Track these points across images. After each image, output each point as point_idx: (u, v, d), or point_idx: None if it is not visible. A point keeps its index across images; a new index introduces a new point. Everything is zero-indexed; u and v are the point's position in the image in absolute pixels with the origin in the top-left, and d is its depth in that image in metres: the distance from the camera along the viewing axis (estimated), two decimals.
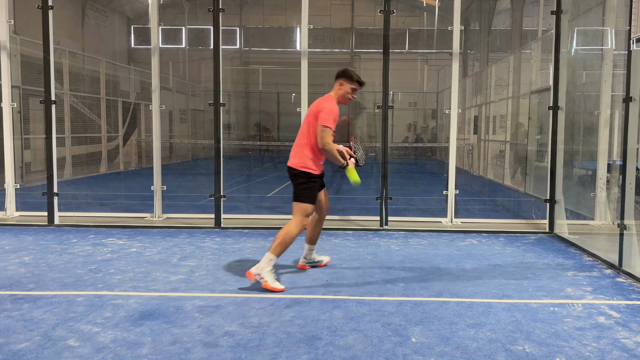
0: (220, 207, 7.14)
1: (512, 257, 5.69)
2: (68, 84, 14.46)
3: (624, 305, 4.18)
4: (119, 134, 17.44)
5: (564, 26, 6.91)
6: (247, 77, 25.90)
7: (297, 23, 22.17)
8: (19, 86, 11.85)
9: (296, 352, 3.25)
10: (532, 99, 11.57)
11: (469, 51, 22.34)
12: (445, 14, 22.29)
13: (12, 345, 3.31)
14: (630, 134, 5.01)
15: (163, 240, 6.33)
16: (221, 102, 7.10)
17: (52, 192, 7.22)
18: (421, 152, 23.15)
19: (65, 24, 18.71)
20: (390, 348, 3.32)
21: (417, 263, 5.40)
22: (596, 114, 7.37)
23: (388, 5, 6.99)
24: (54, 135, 7.22)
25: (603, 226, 7.22)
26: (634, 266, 5.01)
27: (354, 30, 25.00)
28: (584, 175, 8.80)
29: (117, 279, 4.75)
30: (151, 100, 7.49)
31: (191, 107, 24.18)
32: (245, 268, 5.12)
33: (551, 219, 7.00)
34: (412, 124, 26.06)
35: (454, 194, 7.32)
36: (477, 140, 16.43)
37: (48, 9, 7.05)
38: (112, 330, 3.57)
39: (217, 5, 6.98)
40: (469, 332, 3.59)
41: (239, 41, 24.48)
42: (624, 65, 5.26)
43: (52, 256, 5.53)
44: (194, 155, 22.51)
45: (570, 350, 3.33)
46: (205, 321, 3.74)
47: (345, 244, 6.19)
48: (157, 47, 7.47)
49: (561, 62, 6.93)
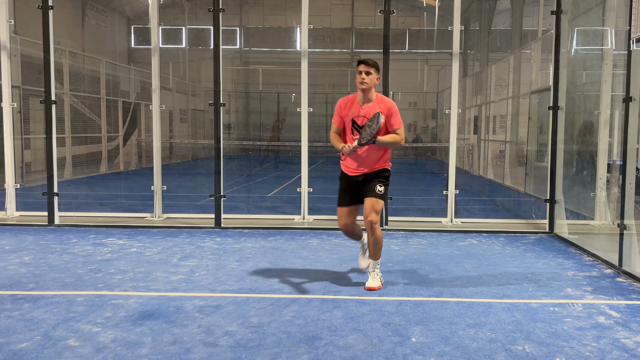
0: (221, 207, 7.14)
1: (512, 257, 5.69)
2: (68, 84, 14.46)
3: (624, 305, 4.18)
4: (119, 134, 17.44)
5: (564, 26, 6.91)
6: (247, 77, 25.90)
7: (297, 23, 22.21)
8: (19, 86, 11.85)
9: (296, 352, 3.25)
10: (532, 99, 11.57)
11: (469, 51, 22.34)
12: (445, 14, 22.29)
13: (13, 345, 3.31)
14: (630, 134, 5.01)
15: (163, 240, 6.33)
16: (221, 102, 7.10)
17: (52, 192, 7.22)
18: (421, 152, 23.15)
19: (65, 24, 18.71)
20: (390, 348, 3.32)
21: (417, 263, 5.40)
22: (596, 114, 7.37)
23: (388, 5, 6.99)
24: (54, 135, 7.22)
25: (603, 226, 7.22)
26: (634, 266, 5.01)
27: (354, 30, 25.00)
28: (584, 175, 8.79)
29: (117, 278, 4.75)
30: (151, 100, 7.49)
31: (191, 107, 24.18)
32: (245, 268, 5.13)
33: (551, 219, 7.00)
34: (412, 124, 26.06)
35: (454, 194, 7.32)
36: (477, 140, 16.43)
37: (48, 9, 7.05)
38: (112, 330, 3.57)
39: (217, 5, 6.98)
40: (469, 332, 3.59)
41: (239, 41, 24.49)
42: (624, 65, 5.26)
43: (52, 256, 5.53)
44: (194, 155, 22.51)
45: (570, 350, 3.33)
46: (205, 321, 3.74)
47: (345, 244, 6.19)
48: (157, 47, 7.47)
49: (561, 62, 6.93)
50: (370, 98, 4.45)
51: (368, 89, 4.40)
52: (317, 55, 24.89)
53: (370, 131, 4.26)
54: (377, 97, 4.48)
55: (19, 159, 11.32)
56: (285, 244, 6.21)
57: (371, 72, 4.38)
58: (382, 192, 4.44)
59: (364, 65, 4.38)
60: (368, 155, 4.44)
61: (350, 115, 4.46)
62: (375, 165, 4.48)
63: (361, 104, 4.45)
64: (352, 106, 4.47)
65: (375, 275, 4.56)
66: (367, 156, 4.44)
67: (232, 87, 24.60)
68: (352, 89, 25.50)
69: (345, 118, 4.50)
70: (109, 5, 22.28)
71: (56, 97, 7.34)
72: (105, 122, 16.34)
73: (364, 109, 4.42)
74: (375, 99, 4.46)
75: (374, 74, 4.40)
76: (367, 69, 4.37)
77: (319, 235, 6.64)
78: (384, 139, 4.37)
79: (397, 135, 4.42)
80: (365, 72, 4.37)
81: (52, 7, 7.09)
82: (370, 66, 4.38)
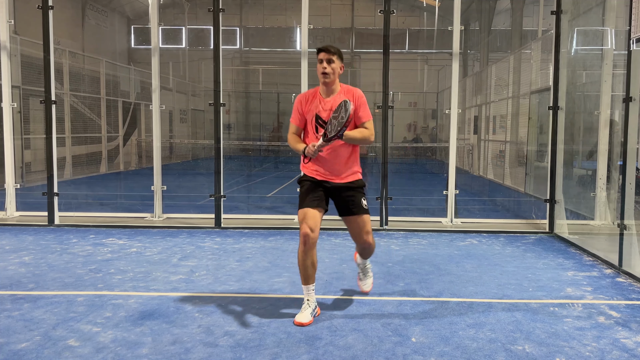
0: (221, 207, 7.14)
1: (512, 257, 5.69)
2: (68, 84, 14.46)
3: (624, 305, 4.18)
4: (119, 134, 17.44)
5: (564, 26, 6.91)
6: (247, 77, 25.89)
7: (297, 23, 22.19)
8: (19, 86, 11.85)
9: (296, 352, 3.25)
10: (532, 99, 11.57)
11: (469, 51, 22.34)
12: (445, 14, 22.29)
13: (12, 345, 3.31)
14: (630, 134, 5.01)
15: (163, 240, 6.33)
16: (221, 102, 7.10)
17: (52, 192, 7.22)
18: (421, 152, 23.15)
19: (65, 24, 18.71)
20: (390, 348, 3.32)
21: (417, 263, 5.40)
22: (596, 114, 7.37)
23: (388, 5, 6.99)
24: (54, 135, 7.22)
25: (603, 226, 7.22)
26: (634, 266, 5.01)
27: (354, 30, 24.99)
28: (584, 175, 8.80)
29: (117, 279, 4.75)
30: (151, 100, 7.49)
31: (191, 107, 24.18)
32: (245, 268, 5.13)
33: (551, 219, 7.00)
34: (412, 124, 26.07)
35: (454, 194, 7.32)
36: (477, 140, 16.43)
37: (48, 9, 7.05)
38: (112, 330, 3.57)
39: (217, 5, 6.98)
40: (469, 332, 3.59)
41: (239, 41, 24.48)
42: (624, 65, 5.25)
43: (52, 256, 5.53)
44: (194, 155, 22.52)
45: (570, 350, 3.33)
46: (205, 321, 3.74)
47: (345, 244, 6.19)
48: (157, 47, 7.47)
49: (561, 62, 6.93)
50: (334, 89, 3.88)
51: (332, 79, 3.83)
52: None
53: (338, 122, 3.65)
54: (342, 87, 3.92)
55: (19, 159, 11.32)
56: (285, 244, 6.21)
57: (333, 59, 3.81)
58: (367, 207, 3.96)
59: (325, 52, 3.80)
60: (335, 155, 3.85)
61: (313, 110, 3.87)
62: (346, 174, 3.90)
63: (325, 97, 3.88)
64: (314, 100, 3.89)
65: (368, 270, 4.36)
66: (334, 157, 3.85)
67: (232, 87, 24.60)
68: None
69: (307, 115, 3.91)
70: (109, 5, 22.28)
71: (56, 97, 7.34)
72: (105, 122, 16.34)
73: (329, 102, 3.83)
74: (340, 90, 3.89)
75: (337, 61, 3.83)
76: (328, 56, 3.80)
77: (319, 235, 6.62)
78: (352, 134, 3.78)
79: (366, 129, 3.86)
80: (327, 60, 3.80)
81: (52, 7, 7.09)
82: (332, 53, 3.80)
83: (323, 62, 3.80)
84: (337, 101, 3.80)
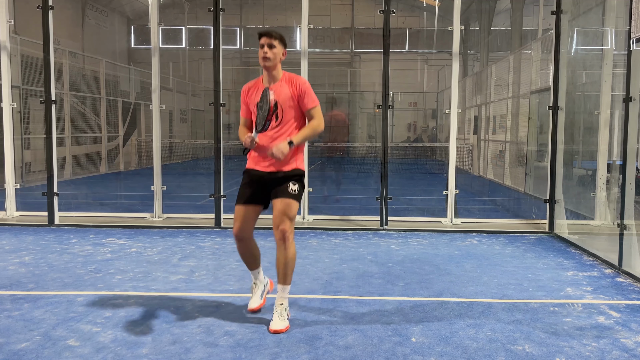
0: (220, 207, 7.14)
1: (512, 257, 5.69)
2: (68, 84, 14.46)
3: (624, 305, 4.18)
4: (119, 134, 17.44)
5: (564, 26, 6.91)
6: (247, 77, 25.87)
7: (297, 23, 22.16)
8: (19, 86, 11.85)
9: (296, 352, 3.25)
10: (532, 99, 11.57)
11: (469, 51, 22.35)
12: (445, 14, 22.30)
13: (12, 345, 3.31)
14: (630, 134, 5.01)
15: (163, 240, 6.33)
16: (221, 102, 7.10)
17: (52, 192, 7.22)
18: (421, 152, 23.16)
19: (65, 24, 18.72)
20: (390, 348, 3.32)
21: (417, 263, 5.40)
22: (596, 114, 7.37)
23: (388, 5, 6.99)
24: (54, 135, 7.22)
25: (603, 226, 7.22)
26: (634, 266, 5.01)
27: (354, 30, 25.00)
28: (584, 175, 8.80)
29: (117, 279, 4.75)
30: (151, 100, 7.49)
31: (191, 107, 24.19)
32: (245, 268, 5.11)
33: (551, 218, 7.00)
34: (412, 124, 26.07)
35: (454, 194, 7.33)
36: (477, 140, 16.44)
37: (48, 9, 7.05)
38: (112, 330, 3.57)
39: (217, 5, 6.98)
40: (469, 332, 3.59)
41: (239, 41, 24.48)
42: (624, 65, 5.26)
43: (52, 256, 5.53)
44: (194, 155, 22.52)
45: (570, 350, 3.33)
46: (205, 321, 3.74)
47: (345, 244, 6.19)
48: (157, 47, 7.47)
49: (561, 62, 6.93)
50: (275, 76, 3.72)
51: (272, 65, 3.66)
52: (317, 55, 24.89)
53: (263, 113, 3.56)
54: (285, 75, 3.75)
55: (19, 159, 11.33)
56: None
57: (275, 44, 3.64)
58: (295, 192, 3.66)
59: (266, 37, 3.64)
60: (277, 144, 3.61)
61: (254, 99, 3.72)
62: (283, 164, 3.70)
63: (267, 85, 3.71)
64: (257, 90, 3.74)
65: (283, 312, 3.62)
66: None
67: (232, 87, 24.60)
68: (352, 88, 25.52)
69: (250, 105, 3.77)
70: (109, 5, 22.28)
71: (56, 97, 7.34)
72: (105, 122, 16.34)
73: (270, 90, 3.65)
74: (282, 78, 3.73)
75: (279, 47, 3.67)
76: (269, 41, 3.63)
77: (319, 235, 6.64)
78: (302, 135, 3.65)
79: (313, 120, 3.71)
80: (268, 45, 3.63)
81: (52, 7, 7.09)
82: (273, 38, 3.64)
83: (264, 46, 3.65)
84: (279, 90, 3.68)
